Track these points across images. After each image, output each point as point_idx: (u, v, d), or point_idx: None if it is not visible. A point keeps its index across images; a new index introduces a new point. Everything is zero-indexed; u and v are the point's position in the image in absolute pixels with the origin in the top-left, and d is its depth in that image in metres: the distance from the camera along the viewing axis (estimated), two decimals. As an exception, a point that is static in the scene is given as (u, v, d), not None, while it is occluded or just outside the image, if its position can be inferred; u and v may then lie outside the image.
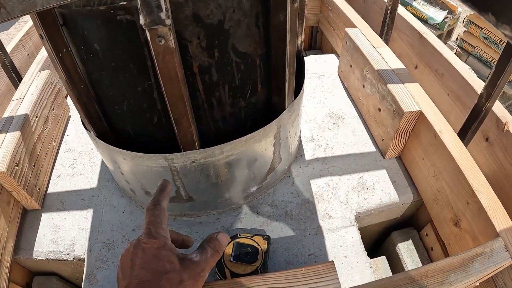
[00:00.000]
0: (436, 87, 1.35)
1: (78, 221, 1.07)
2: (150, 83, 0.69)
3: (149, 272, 0.53)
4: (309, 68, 1.59)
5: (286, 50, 0.73)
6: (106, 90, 0.75)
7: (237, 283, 0.74)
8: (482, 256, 0.76)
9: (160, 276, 0.53)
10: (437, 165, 1.00)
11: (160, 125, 0.78)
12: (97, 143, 0.87)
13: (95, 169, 1.21)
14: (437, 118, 1.01)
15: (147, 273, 0.53)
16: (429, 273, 0.73)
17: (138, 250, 0.56)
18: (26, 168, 1.03)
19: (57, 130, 1.29)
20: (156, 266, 0.54)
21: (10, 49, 1.54)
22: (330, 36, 1.90)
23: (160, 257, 0.55)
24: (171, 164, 0.83)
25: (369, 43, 1.28)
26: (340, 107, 1.38)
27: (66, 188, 1.16)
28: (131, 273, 0.54)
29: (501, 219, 0.81)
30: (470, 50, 2.98)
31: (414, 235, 1.19)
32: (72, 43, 0.68)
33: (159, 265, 0.54)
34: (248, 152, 0.88)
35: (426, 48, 1.39)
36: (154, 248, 0.56)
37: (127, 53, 0.65)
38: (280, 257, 0.97)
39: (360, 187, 1.11)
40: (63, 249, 1.02)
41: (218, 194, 0.97)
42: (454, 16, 3.19)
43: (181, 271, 0.55)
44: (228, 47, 0.68)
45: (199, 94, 0.72)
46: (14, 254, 1.01)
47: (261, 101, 0.83)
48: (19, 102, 1.14)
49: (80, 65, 0.71)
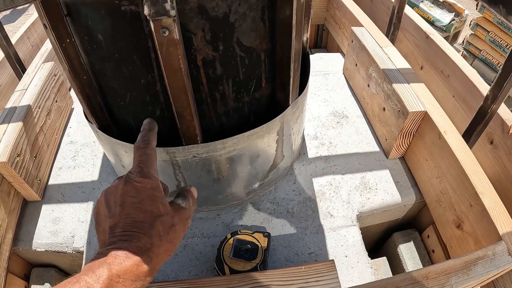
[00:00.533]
0: (441, 88, 1.34)
1: (78, 213, 1.06)
2: (153, 75, 0.68)
3: (142, 213, 0.51)
4: (314, 66, 1.58)
5: (291, 46, 0.72)
6: (109, 82, 0.74)
7: (236, 279, 0.74)
8: (484, 260, 0.75)
9: (154, 218, 0.51)
10: (441, 167, 0.99)
11: (162, 118, 0.77)
12: (99, 135, 0.86)
13: (96, 162, 1.20)
14: (442, 119, 1.00)
15: (141, 213, 0.51)
16: (431, 275, 0.73)
17: (129, 188, 0.53)
18: (28, 159, 1.03)
19: (59, 122, 1.29)
20: (150, 207, 0.52)
21: (15, 40, 1.53)
22: (336, 34, 1.89)
23: (154, 199, 0.54)
24: (173, 157, 0.82)
25: (375, 42, 1.27)
26: (344, 106, 1.37)
27: (67, 180, 1.15)
28: (121, 211, 0.51)
29: (504, 222, 0.81)
30: (476, 53, 2.96)
31: (415, 236, 1.18)
32: (75, 34, 0.67)
33: (153, 206, 0.52)
34: (251, 148, 0.88)
35: (432, 49, 1.38)
36: (147, 188, 0.54)
37: (130, 44, 0.65)
38: (280, 255, 0.96)
39: (363, 187, 1.10)
40: (62, 241, 1.01)
41: (219, 189, 0.97)
42: (461, 19, 3.17)
43: (172, 215, 0.54)
44: (233, 41, 0.67)
45: (203, 87, 0.71)
46: (13, 245, 1.01)
47: (265, 97, 0.82)
48: (22, 93, 1.14)
49: (83, 56, 0.71)
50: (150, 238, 0.49)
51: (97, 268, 0.42)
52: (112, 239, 0.48)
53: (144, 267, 0.45)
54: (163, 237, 0.51)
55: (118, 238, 0.47)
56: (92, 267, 0.42)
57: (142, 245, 0.47)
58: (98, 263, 0.43)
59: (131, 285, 0.43)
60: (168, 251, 0.51)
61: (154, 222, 0.50)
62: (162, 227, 0.51)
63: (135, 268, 0.44)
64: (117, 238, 0.47)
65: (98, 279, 0.40)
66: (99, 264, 0.43)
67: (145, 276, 0.45)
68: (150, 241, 0.48)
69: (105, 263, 0.43)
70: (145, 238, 0.48)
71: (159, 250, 0.49)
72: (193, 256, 0.97)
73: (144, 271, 0.45)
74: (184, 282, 0.75)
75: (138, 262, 0.45)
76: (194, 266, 0.96)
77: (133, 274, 0.44)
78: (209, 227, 1.02)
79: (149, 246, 0.48)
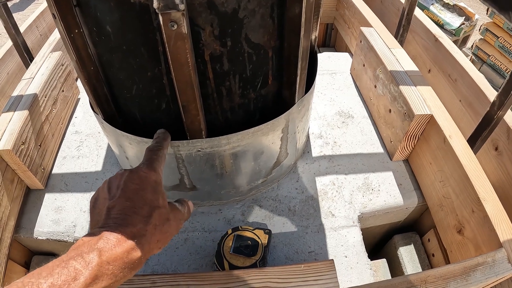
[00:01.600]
0: (448, 92, 1.33)
1: (81, 203, 1.07)
2: (160, 68, 0.68)
3: (142, 200, 0.52)
4: (321, 65, 1.57)
5: (299, 44, 0.72)
6: (116, 73, 0.74)
7: (235, 275, 0.74)
8: (484, 266, 0.75)
9: (153, 207, 0.52)
10: (445, 171, 0.98)
11: (168, 112, 0.77)
12: (104, 126, 0.86)
13: (100, 153, 1.21)
14: (447, 123, 0.99)
15: (141, 200, 0.52)
16: (429, 279, 0.72)
17: (134, 176, 0.55)
18: (32, 148, 1.03)
19: (65, 111, 1.29)
20: (151, 197, 0.53)
21: (24, 29, 1.54)
22: (345, 34, 1.89)
23: (157, 191, 0.55)
24: (177, 151, 0.82)
25: (383, 43, 1.27)
26: (350, 106, 1.37)
27: (71, 170, 1.16)
28: (122, 194, 0.52)
29: (506, 229, 0.80)
30: (484, 58, 2.94)
31: (416, 240, 1.18)
32: (84, 24, 0.67)
33: (154, 197, 0.54)
34: (255, 144, 0.88)
35: (440, 52, 1.38)
36: (152, 180, 0.56)
37: (139, 37, 0.65)
38: (280, 252, 0.96)
39: (365, 188, 1.10)
40: (64, 230, 1.02)
41: (222, 185, 0.97)
42: (470, 23, 3.15)
43: (169, 211, 0.55)
44: (241, 37, 0.67)
45: (209, 82, 0.71)
46: (15, 232, 1.01)
47: (271, 94, 0.82)
48: (29, 82, 1.14)
49: (91, 47, 0.71)
50: (145, 225, 0.49)
51: (86, 253, 0.41)
52: (107, 220, 0.48)
53: (134, 254, 0.45)
54: (158, 227, 0.51)
55: (113, 220, 0.48)
56: (81, 251, 0.42)
57: (137, 231, 0.47)
58: (89, 246, 0.42)
59: (120, 272, 0.43)
60: (160, 242, 0.51)
61: (152, 212, 0.51)
62: (158, 217, 0.52)
63: (126, 255, 0.44)
64: (112, 221, 0.48)
65: (87, 266, 0.40)
66: (89, 248, 0.42)
67: (134, 264, 0.45)
68: (145, 228, 0.49)
69: (95, 248, 0.42)
70: (140, 224, 0.48)
71: (152, 238, 0.49)
72: (193, 250, 0.97)
73: (134, 259, 0.45)
74: (183, 275, 0.75)
75: (129, 249, 0.45)
76: (194, 260, 0.96)
77: (123, 261, 0.44)
78: (210, 221, 1.03)
79: (143, 233, 0.48)
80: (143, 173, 0.57)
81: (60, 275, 0.38)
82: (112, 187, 0.54)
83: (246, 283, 0.73)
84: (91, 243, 0.43)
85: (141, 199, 0.52)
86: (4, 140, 0.94)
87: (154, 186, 0.55)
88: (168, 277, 0.75)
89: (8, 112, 1.02)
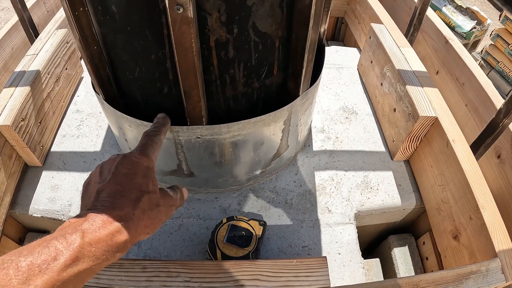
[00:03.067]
0: (454, 96, 1.32)
1: (78, 182, 1.06)
2: (164, 52, 0.67)
3: (132, 184, 0.52)
4: (328, 59, 1.56)
5: (307, 36, 0.71)
6: (119, 55, 0.73)
7: (226, 266, 0.74)
8: (477, 275, 0.74)
9: (142, 192, 0.52)
10: (445, 175, 0.97)
11: (169, 96, 0.76)
12: (105, 106, 0.86)
13: (100, 133, 1.20)
14: (452, 127, 0.98)
15: (130, 184, 0.52)
16: (421, 283, 0.72)
17: (126, 161, 0.55)
18: (32, 124, 1.02)
19: (67, 90, 1.28)
20: (141, 181, 0.53)
21: (31, 4, 1.52)
22: (355, 29, 1.87)
23: (148, 176, 0.55)
24: (176, 136, 0.82)
25: (393, 41, 1.25)
26: (355, 102, 1.35)
27: (70, 149, 1.15)
28: (112, 179, 0.52)
29: (502, 239, 0.79)
30: (493, 64, 2.91)
31: (411, 242, 1.17)
32: (89, 3, 0.66)
33: (144, 182, 0.53)
34: (256, 134, 0.87)
35: (450, 55, 1.36)
36: (143, 166, 0.56)
37: (144, 18, 0.63)
38: (273, 245, 0.96)
39: (364, 186, 1.09)
40: (59, 208, 1.02)
41: (220, 173, 0.96)
42: (482, 28, 3.12)
43: (159, 197, 0.55)
44: (248, 25, 0.66)
45: (213, 69, 0.70)
46: (10, 208, 1.01)
47: (275, 85, 0.81)
48: (32, 58, 1.13)
49: (95, 26, 0.70)
50: (133, 209, 0.49)
51: (70, 234, 0.41)
52: (95, 203, 0.48)
53: (119, 237, 0.45)
54: (147, 212, 0.51)
55: (101, 203, 0.47)
56: (65, 232, 0.41)
57: (124, 214, 0.47)
58: (73, 227, 0.42)
59: (102, 255, 0.42)
60: (148, 227, 0.51)
61: (141, 196, 0.51)
62: (147, 202, 0.51)
63: (109, 237, 0.44)
64: (100, 203, 0.47)
65: (68, 246, 0.40)
66: (73, 229, 0.42)
67: (118, 247, 0.45)
68: (133, 211, 0.48)
69: (79, 229, 0.42)
70: (128, 208, 0.48)
71: (139, 223, 0.49)
72: (187, 237, 0.97)
73: (119, 242, 0.44)
74: (175, 262, 0.75)
75: (114, 231, 0.44)
76: (187, 246, 0.96)
77: (107, 244, 0.43)
78: (206, 209, 1.02)
79: (131, 216, 0.48)
80: (135, 158, 0.56)
81: (40, 254, 0.38)
82: (104, 171, 0.54)
83: (237, 274, 0.72)
84: (76, 224, 0.43)
85: (130, 184, 0.52)
86: (4, 115, 0.94)
87: (145, 171, 0.55)
88: (159, 263, 0.74)
89: (9, 88, 1.01)
